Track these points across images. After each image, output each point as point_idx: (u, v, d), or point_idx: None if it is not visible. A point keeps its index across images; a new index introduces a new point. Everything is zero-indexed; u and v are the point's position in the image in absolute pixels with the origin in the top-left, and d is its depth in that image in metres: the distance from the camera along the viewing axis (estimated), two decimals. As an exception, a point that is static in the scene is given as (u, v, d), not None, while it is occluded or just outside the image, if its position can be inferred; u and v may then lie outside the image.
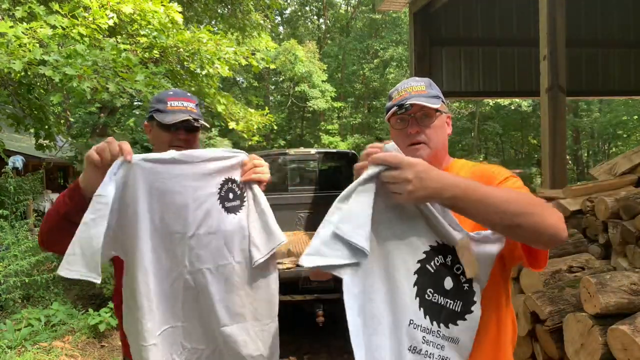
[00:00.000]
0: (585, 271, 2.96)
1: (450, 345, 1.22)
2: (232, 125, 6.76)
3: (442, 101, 1.47)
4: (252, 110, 7.37)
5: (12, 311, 5.32)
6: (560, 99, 4.62)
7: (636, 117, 21.29)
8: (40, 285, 5.70)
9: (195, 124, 1.65)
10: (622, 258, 3.07)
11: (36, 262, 5.64)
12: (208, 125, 1.71)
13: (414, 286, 1.19)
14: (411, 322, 1.18)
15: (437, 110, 1.42)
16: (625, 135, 22.94)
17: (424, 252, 1.20)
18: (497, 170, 1.41)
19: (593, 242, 3.38)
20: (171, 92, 1.71)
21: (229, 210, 1.51)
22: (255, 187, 1.55)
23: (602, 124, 22.46)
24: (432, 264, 1.21)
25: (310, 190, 6.73)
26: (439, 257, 1.21)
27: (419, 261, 1.20)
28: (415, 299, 1.19)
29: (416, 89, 1.43)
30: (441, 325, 1.21)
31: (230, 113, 6.74)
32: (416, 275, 1.19)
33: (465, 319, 1.22)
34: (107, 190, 1.30)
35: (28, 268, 5.45)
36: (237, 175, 1.55)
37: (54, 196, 13.55)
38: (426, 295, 1.20)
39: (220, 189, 1.50)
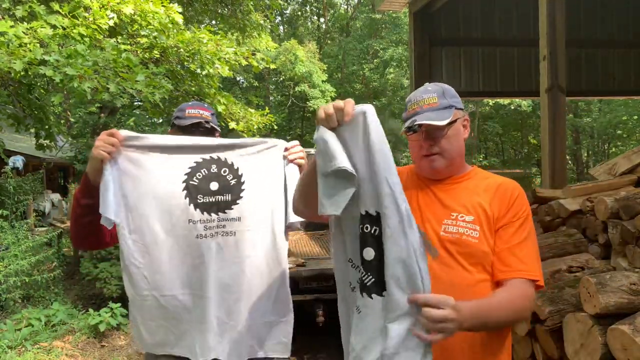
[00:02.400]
0: (585, 271, 2.96)
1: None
2: (232, 125, 6.76)
3: (456, 107, 1.46)
4: (252, 110, 7.37)
5: (13, 311, 5.33)
6: (560, 99, 4.62)
7: (636, 117, 21.28)
8: (41, 285, 5.71)
9: (207, 125, 1.85)
10: (622, 258, 3.07)
11: (36, 262, 5.64)
12: (219, 130, 1.93)
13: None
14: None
15: (448, 124, 1.43)
16: (625, 135, 22.93)
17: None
18: (519, 202, 1.44)
19: (593, 242, 3.38)
20: (190, 103, 1.95)
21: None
22: (295, 170, 1.78)
23: (602, 124, 22.44)
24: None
25: (310, 190, 6.70)
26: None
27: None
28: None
29: (427, 102, 1.44)
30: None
31: (230, 113, 6.73)
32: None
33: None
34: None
35: (28, 268, 5.45)
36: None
37: (54, 196, 13.55)
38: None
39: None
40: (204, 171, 1.65)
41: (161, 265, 1.60)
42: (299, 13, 31.26)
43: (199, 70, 5.60)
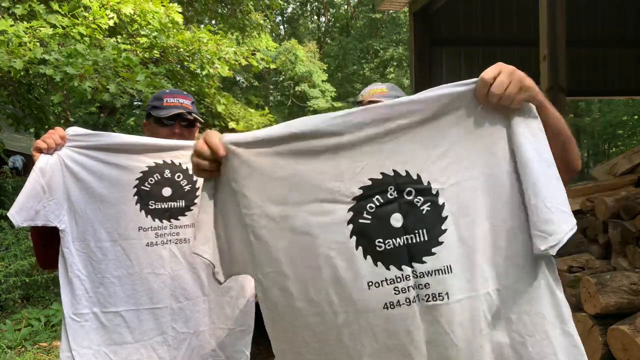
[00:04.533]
0: (585, 271, 2.96)
1: (438, 278, 1.02)
2: (232, 125, 6.76)
3: None
4: (252, 110, 7.38)
5: (12, 311, 5.32)
6: (560, 99, 4.61)
7: (636, 117, 21.28)
8: (40, 285, 5.70)
9: (189, 117, 1.72)
10: (622, 258, 3.07)
11: (36, 262, 5.64)
12: (202, 120, 1.80)
13: (356, 249, 1.03)
14: (370, 284, 1.03)
15: None
16: (625, 135, 22.91)
17: (350, 210, 1.04)
18: None
19: (593, 242, 3.38)
20: (168, 91, 1.81)
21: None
22: None
23: (602, 124, 22.43)
24: (364, 214, 1.04)
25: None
26: (374, 199, 1.04)
27: (349, 222, 1.04)
28: (366, 258, 1.03)
29: (377, 91, 1.56)
30: (413, 264, 1.03)
31: (230, 113, 6.74)
32: (354, 237, 1.03)
33: (441, 243, 1.02)
34: None
35: (28, 268, 5.45)
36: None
37: (54, 196, 13.52)
38: (377, 248, 1.03)
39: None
40: (157, 176, 1.55)
41: (105, 277, 1.50)
42: (299, 12, 31.27)
43: (198, 71, 5.59)
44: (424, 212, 1.03)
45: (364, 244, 1.03)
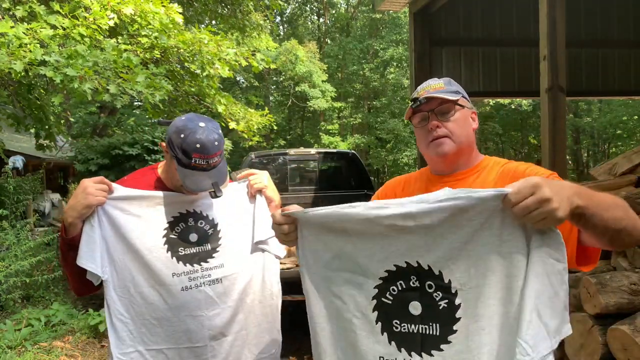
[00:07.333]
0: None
1: None
2: (232, 125, 6.75)
3: (464, 97, 1.44)
4: (252, 111, 7.37)
5: (12, 311, 5.33)
6: (560, 99, 4.62)
7: (636, 117, 21.28)
8: (41, 285, 5.71)
9: (217, 196, 1.61)
10: (622, 258, 3.07)
11: (37, 262, 5.64)
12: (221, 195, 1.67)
13: (376, 323, 1.14)
14: (381, 358, 1.14)
15: (455, 103, 1.39)
16: (625, 135, 22.91)
17: (376, 287, 1.14)
18: (532, 171, 1.30)
19: (593, 242, 3.38)
20: (198, 145, 1.51)
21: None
22: (259, 198, 1.74)
23: (602, 124, 22.43)
24: (387, 294, 1.13)
25: (310, 190, 6.75)
26: (397, 283, 1.12)
27: (373, 297, 1.14)
28: (383, 334, 1.13)
29: (435, 87, 1.42)
30: (422, 354, 1.10)
31: (230, 113, 6.73)
32: (376, 312, 1.14)
33: (449, 342, 1.07)
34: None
35: (28, 268, 5.45)
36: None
37: (54, 196, 13.54)
38: (394, 328, 1.12)
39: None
40: (182, 224, 1.66)
41: (146, 319, 1.60)
42: (299, 12, 31.27)
43: (199, 71, 5.59)
44: (440, 307, 1.08)
45: (383, 321, 1.14)
